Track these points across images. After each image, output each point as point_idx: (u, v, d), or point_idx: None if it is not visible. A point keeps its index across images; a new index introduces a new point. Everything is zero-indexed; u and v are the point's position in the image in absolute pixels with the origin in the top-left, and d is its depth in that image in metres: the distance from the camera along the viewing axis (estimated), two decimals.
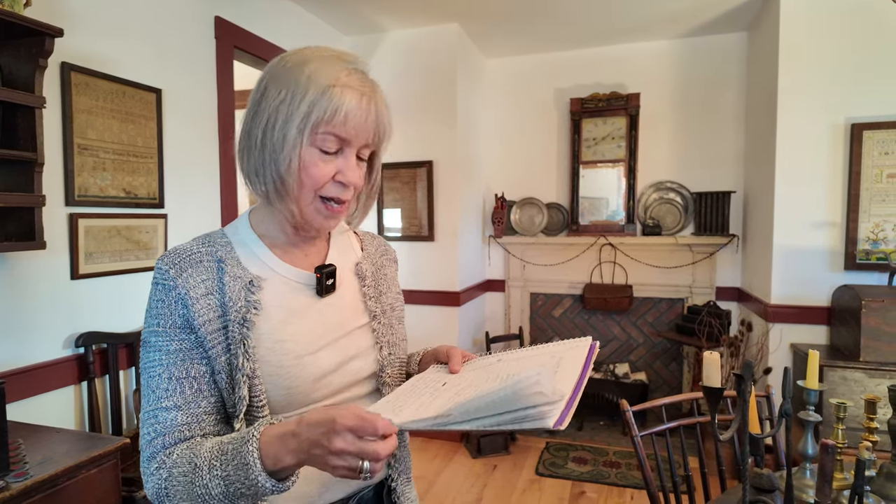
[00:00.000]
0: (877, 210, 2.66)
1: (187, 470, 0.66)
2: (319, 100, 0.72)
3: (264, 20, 2.72)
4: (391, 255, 0.99)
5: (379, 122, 0.77)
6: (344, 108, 0.72)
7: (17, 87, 1.53)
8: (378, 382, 0.85)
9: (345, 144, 0.75)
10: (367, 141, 0.77)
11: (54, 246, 1.74)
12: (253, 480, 0.62)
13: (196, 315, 0.72)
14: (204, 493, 0.65)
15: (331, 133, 0.73)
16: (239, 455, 0.63)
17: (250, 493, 0.64)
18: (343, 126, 0.73)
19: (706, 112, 3.52)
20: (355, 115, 0.73)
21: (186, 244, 0.78)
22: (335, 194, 0.76)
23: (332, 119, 0.72)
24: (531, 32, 3.42)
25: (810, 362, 1.15)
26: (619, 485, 2.81)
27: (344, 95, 0.72)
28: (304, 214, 0.76)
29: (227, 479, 0.64)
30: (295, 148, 0.72)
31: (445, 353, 0.85)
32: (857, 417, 2.36)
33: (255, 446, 0.63)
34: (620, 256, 3.67)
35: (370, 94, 0.75)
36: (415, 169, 3.40)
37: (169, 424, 0.70)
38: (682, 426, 1.54)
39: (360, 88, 0.74)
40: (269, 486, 0.63)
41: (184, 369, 0.71)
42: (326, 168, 0.74)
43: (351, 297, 0.85)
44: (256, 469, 0.62)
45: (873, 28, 2.64)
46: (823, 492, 0.92)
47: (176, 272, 0.73)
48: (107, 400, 1.92)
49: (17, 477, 1.21)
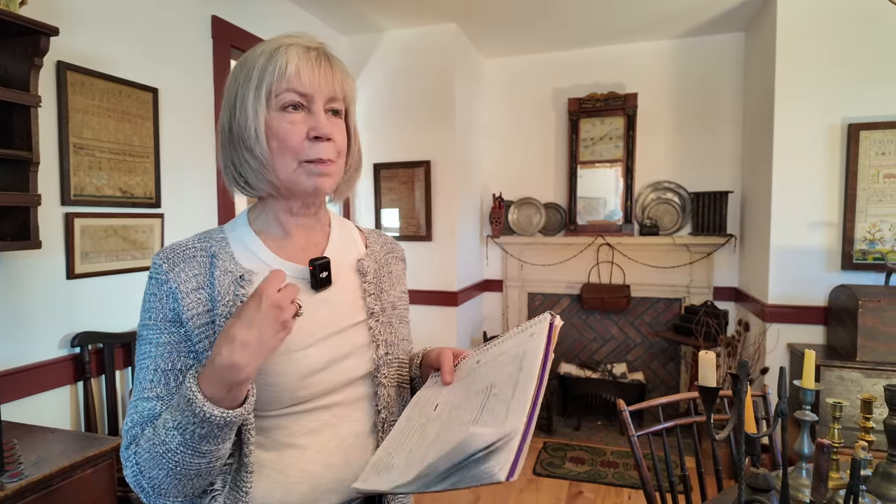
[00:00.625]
0: (873, 210, 2.66)
1: (150, 435, 0.67)
2: (267, 65, 0.73)
3: (262, 20, 2.72)
4: (398, 253, 0.97)
5: (336, 74, 0.76)
6: (293, 63, 0.72)
7: (13, 85, 1.52)
8: (374, 384, 0.81)
9: (307, 100, 0.74)
10: (330, 94, 0.75)
11: (50, 245, 1.74)
12: (199, 414, 0.62)
13: (185, 309, 0.72)
14: (164, 450, 0.65)
15: (288, 90, 0.73)
16: (182, 398, 0.64)
17: (205, 433, 0.64)
18: (297, 79, 0.73)
19: (703, 112, 3.52)
20: (306, 66, 0.73)
21: (184, 240, 0.78)
22: (316, 154, 0.74)
23: (283, 75, 0.72)
24: (529, 32, 3.42)
25: (807, 362, 1.15)
26: (617, 485, 2.81)
27: (290, 51, 0.73)
28: (289, 183, 0.75)
29: (179, 426, 0.64)
30: (258, 117, 0.73)
31: (436, 358, 0.82)
32: (854, 417, 2.36)
33: (193, 381, 0.64)
34: (618, 256, 3.67)
35: (318, 48, 0.76)
36: (412, 169, 3.40)
37: (147, 414, 0.70)
38: (679, 426, 1.54)
39: (307, 44, 0.75)
40: (217, 414, 0.63)
41: (170, 362, 0.72)
42: (295, 129, 0.73)
43: (349, 294, 0.83)
44: (199, 401, 0.62)
45: (870, 28, 2.64)
46: (819, 491, 0.92)
47: (168, 266, 0.74)
48: (102, 400, 1.92)
49: (12, 477, 1.21)
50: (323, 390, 0.76)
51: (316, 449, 0.75)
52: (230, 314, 0.72)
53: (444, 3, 2.97)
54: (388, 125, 3.44)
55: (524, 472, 2.96)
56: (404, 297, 0.94)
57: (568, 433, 3.45)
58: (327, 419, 0.77)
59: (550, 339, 0.68)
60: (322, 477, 0.76)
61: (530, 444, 2.36)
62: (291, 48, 0.73)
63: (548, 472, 2.94)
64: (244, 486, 0.71)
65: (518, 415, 0.59)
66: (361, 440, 0.80)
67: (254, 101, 0.73)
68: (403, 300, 0.93)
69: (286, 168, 0.74)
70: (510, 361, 0.70)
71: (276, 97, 0.73)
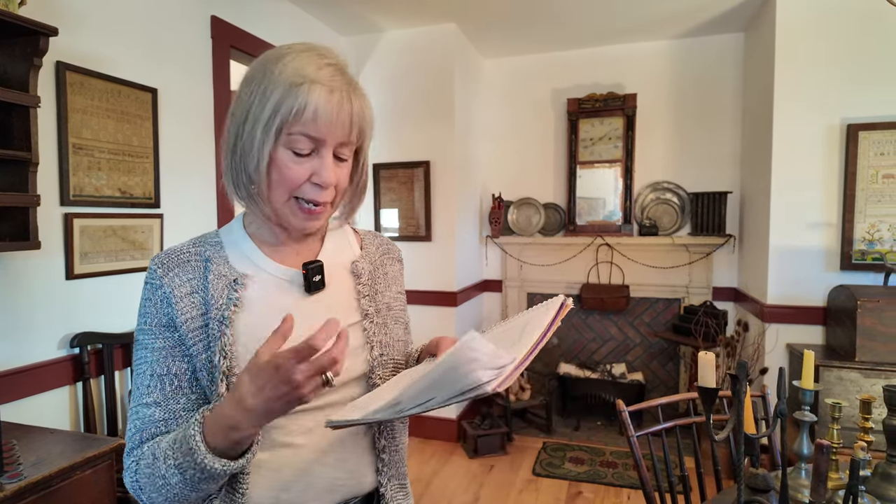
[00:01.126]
0: (872, 210, 2.67)
1: (150, 462, 0.67)
2: (286, 98, 0.69)
3: (261, 20, 2.72)
4: (394, 253, 0.97)
5: (355, 118, 0.73)
6: (312, 106, 0.69)
7: (12, 86, 1.52)
8: (369, 384, 0.81)
9: (318, 144, 0.72)
10: (343, 139, 0.73)
11: (49, 246, 1.74)
12: (200, 464, 0.63)
13: (179, 313, 0.73)
14: (163, 483, 0.66)
15: (301, 133, 0.70)
16: (185, 441, 0.64)
17: (205, 477, 0.64)
18: (313, 124, 0.70)
19: (703, 112, 3.53)
20: (325, 112, 0.70)
21: (179, 245, 0.79)
22: (312, 196, 0.74)
23: (300, 118, 0.69)
24: (529, 33, 3.42)
25: (806, 362, 1.15)
26: (616, 485, 2.81)
27: (312, 92, 0.69)
28: (279, 216, 0.75)
29: (180, 467, 0.64)
30: (264, 148, 0.70)
31: (436, 344, 0.83)
32: (853, 417, 2.37)
33: (198, 430, 0.63)
34: (617, 257, 3.67)
35: (342, 89, 0.72)
36: (412, 169, 3.40)
37: (147, 420, 0.71)
38: (679, 426, 1.54)
39: (330, 83, 0.70)
40: (219, 467, 0.63)
41: (165, 366, 0.72)
42: (300, 169, 0.72)
43: (343, 296, 0.83)
44: (201, 452, 0.62)
45: (869, 29, 2.65)
46: (818, 492, 0.92)
47: (163, 272, 0.74)
48: (102, 400, 1.92)
49: (11, 478, 1.21)
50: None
51: (311, 448, 0.76)
52: (223, 317, 0.72)
53: (443, 3, 2.97)
54: (387, 125, 3.44)
55: (524, 471, 2.96)
56: (401, 297, 0.93)
57: (567, 433, 3.45)
58: (322, 419, 0.77)
59: (559, 314, 0.70)
60: (317, 476, 0.76)
61: (529, 444, 2.35)
62: (315, 88, 0.69)
63: (547, 473, 2.94)
64: (240, 487, 0.71)
65: (516, 351, 0.60)
66: (356, 439, 0.80)
67: (262, 132, 0.70)
68: (400, 301, 0.92)
69: (278, 199, 0.74)
70: (515, 329, 0.73)
71: (287, 135, 0.70)
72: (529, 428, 3.56)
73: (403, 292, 0.96)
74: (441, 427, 3.39)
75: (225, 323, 0.72)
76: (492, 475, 2.95)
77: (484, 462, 3.10)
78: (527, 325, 0.71)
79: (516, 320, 0.78)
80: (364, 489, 0.81)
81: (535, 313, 0.75)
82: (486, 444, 3.18)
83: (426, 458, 3.16)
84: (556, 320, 0.69)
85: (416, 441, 3.38)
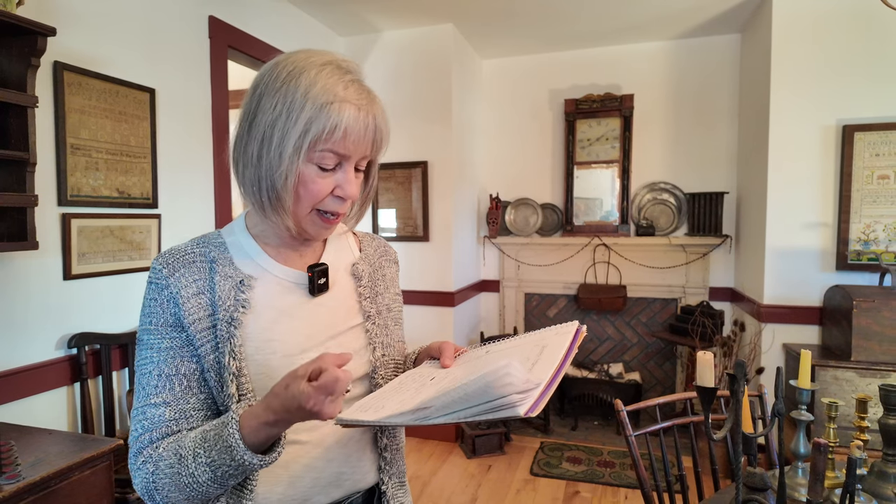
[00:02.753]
0: (868, 211, 2.68)
1: (173, 461, 0.67)
2: (317, 117, 0.70)
3: (259, 20, 2.71)
4: (391, 255, 0.98)
5: (378, 133, 0.76)
6: (343, 125, 0.71)
7: (9, 86, 1.52)
8: (371, 384, 0.83)
9: (343, 159, 0.74)
10: (365, 153, 0.76)
11: (47, 246, 1.73)
12: (239, 460, 0.64)
13: (186, 314, 0.73)
14: (191, 481, 0.66)
15: (329, 150, 0.72)
16: (221, 439, 0.65)
17: (237, 473, 0.66)
18: (342, 143, 0.72)
19: (699, 113, 3.54)
20: (354, 130, 0.72)
21: (182, 245, 0.79)
22: (333, 208, 0.76)
23: (330, 136, 0.71)
24: (526, 33, 3.43)
25: (802, 362, 1.16)
26: (614, 484, 2.82)
27: (342, 112, 0.71)
28: (300, 226, 0.77)
29: (213, 464, 0.65)
30: (292, 165, 0.71)
31: (438, 348, 0.84)
32: (849, 417, 2.38)
33: (236, 427, 0.64)
34: (614, 257, 3.68)
35: (368, 107, 0.74)
36: (410, 169, 3.40)
37: (157, 420, 0.71)
38: (676, 425, 1.54)
39: (358, 102, 0.72)
40: (256, 462, 0.65)
41: (174, 366, 0.73)
42: (325, 183, 0.74)
43: (345, 298, 0.84)
44: (241, 449, 0.64)
45: (865, 30, 2.66)
46: (815, 490, 0.92)
47: (169, 272, 0.74)
48: (100, 401, 1.91)
49: (9, 479, 1.21)
50: None
51: (315, 443, 0.77)
52: (231, 319, 0.73)
53: (440, 3, 2.98)
54: None
55: (521, 471, 2.97)
56: (398, 299, 0.95)
57: (565, 433, 3.46)
58: None
59: (575, 340, 0.72)
60: (323, 471, 0.78)
61: (527, 444, 2.36)
62: (345, 107, 0.71)
63: (544, 472, 2.95)
64: (249, 483, 0.72)
65: (543, 371, 0.62)
66: (360, 435, 0.83)
67: (293, 150, 0.70)
68: (397, 302, 0.94)
69: (302, 212, 0.75)
70: (530, 347, 0.74)
71: (315, 152, 0.72)
72: (527, 428, 3.56)
73: (400, 294, 0.98)
74: (439, 427, 3.40)
75: (234, 324, 0.73)
76: (489, 475, 2.95)
77: (482, 462, 3.11)
78: (545, 347, 0.71)
79: (527, 339, 0.79)
80: (366, 484, 0.84)
81: (549, 334, 0.76)
82: (483, 444, 3.18)
83: (424, 458, 3.16)
84: (574, 347, 0.71)
85: (414, 441, 3.38)
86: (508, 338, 0.84)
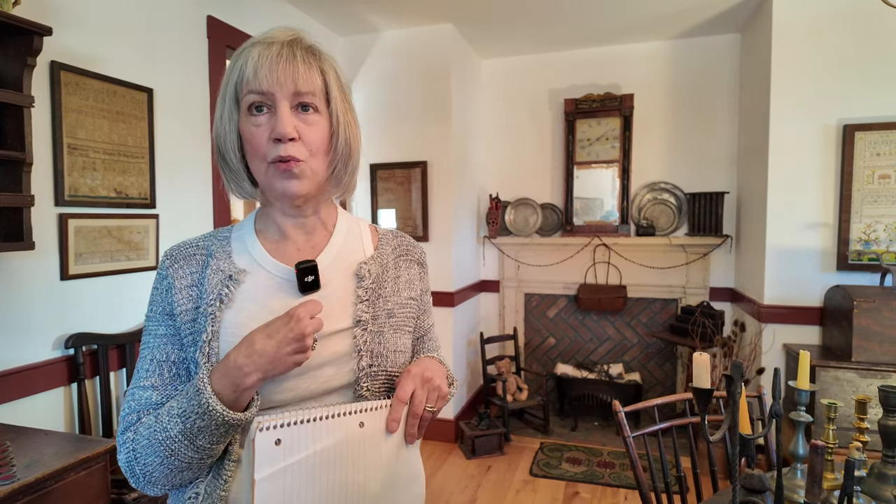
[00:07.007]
0: (868, 211, 2.67)
1: (151, 422, 0.70)
2: (233, 69, 0.74)
3: (258, 20, 2.71)
4: (414, 255, 0.91)
5: (301, 65, 0.72)
6: (251, 62, 0.72)
7: (6, 86, 1.52)
8: (354, 395, 0.76)
9: (269, 99, 0.72)
10: (294, 88, 0.72)
11: (44, 246, 1.73)
12: (203, 405, 0.65)
13: (176, 304, 0.76)
14: (165, 437, 0.68)
15: (249, 91, 0.72)
16: (191, 386, 0.68)
17: (204, 426, 0.66)
18: (255, 80, 0.71)
19: (699, 113, 3.53)
20: (264, 64, 0.71)
21: (192, 238, 0.83)
22: (277, 153, 0.72)
23: (243, 77, 0.73)
24: (526, 33, 3.42)
25: (801, 363, 1.15)
26: (613, 485, 2.81)
27: (251, 52, 0.73)
28: (269, 187, 0.76)
29: (183, 414, 0.67)
30: (229, 123, 0.75)
31: (396, 388, 0.75)
32: (849, 418, 2.37)
33: (206, 373, 0.68)
34: (614, 257, 3.67)
35: (282, 41, 0.73)
36: (409, 169, 3.40)
37: (144, 402, 0.73)
38: (676, 426, 1.54)
39: (268, 40, 0.73)
40: (220, 409, 0.65)
41: (165, 353, 0.76)
42: (261, 131, 0.73)
43: (340, 299, 0.79)
44: (206, 392, 0.66)
45: (865, 30, 2.65)
46: (814, 492, 0.92)
47: (170, 262, 0.79)
48: (97, 402, 1.91)
49: (4, 480, 1.20)
50: (297, 397, 0.74)
51: None
52: (209, 313, 0.74)
53: (440, 3, 2.97)
54: (384, 126, 3.44)
55: (521, 472, 2.96)
56: (410, 303, 0.86)
57: (564, 434, 3.45)
58: None
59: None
60: None
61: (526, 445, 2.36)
62: (253, 48, 0.73)
63: (544, 473, 2.94)
64: (224, 474, 0.72)
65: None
66: None
67: (225, 109, 0.75)
68: (408, 307, 0.85)
69: (258, 171, 0.75)
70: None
71: (242, 100, 0.73)
72: (527, 428, 3.55)
73: (419, 297, 0.89)
74: (439, 427, 3.39)
75: (209, 318, 0.73)
76: (489, 475, 2.95)
77: (481, 462, 3.10)
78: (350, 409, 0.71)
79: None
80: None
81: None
82: (483, 445, 3.18)
83: (424, 459, 3.14)
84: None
85: None
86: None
